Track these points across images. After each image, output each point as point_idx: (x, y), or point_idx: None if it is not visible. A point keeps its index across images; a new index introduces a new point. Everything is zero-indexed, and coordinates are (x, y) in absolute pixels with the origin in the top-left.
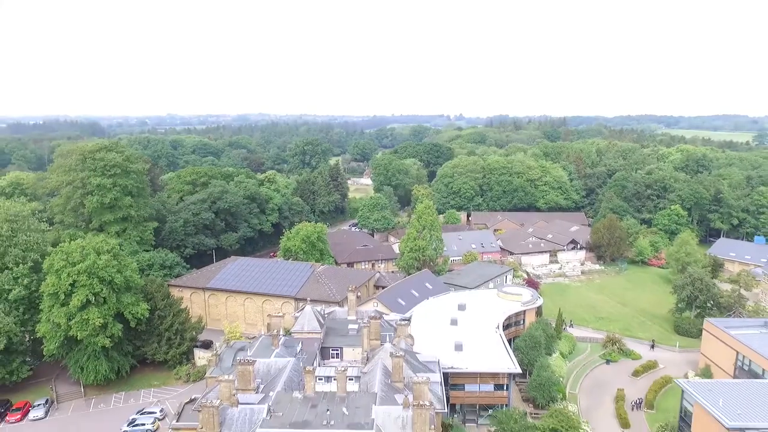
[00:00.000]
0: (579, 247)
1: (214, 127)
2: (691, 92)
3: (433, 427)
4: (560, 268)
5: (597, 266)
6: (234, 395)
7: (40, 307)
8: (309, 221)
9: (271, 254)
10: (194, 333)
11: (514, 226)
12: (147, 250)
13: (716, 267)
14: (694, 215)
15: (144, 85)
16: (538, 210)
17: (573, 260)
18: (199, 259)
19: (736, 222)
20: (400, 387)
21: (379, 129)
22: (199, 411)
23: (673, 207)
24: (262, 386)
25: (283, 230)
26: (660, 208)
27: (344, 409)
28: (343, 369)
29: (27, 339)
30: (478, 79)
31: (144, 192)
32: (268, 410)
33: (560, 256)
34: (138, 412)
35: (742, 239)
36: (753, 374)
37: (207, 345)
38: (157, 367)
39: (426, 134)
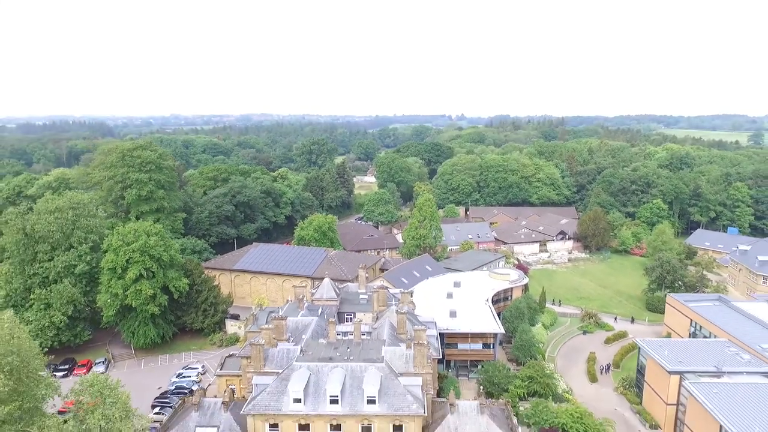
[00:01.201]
0: (567, 237)
1: (221, 128)
2: (692, 93)
3: (429, 362)
4: (549, 257)
5: (583, 255)
6: (274, 339)
7: (99, 281)
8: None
9: (285, 243)
10: (225, 306)
11: (509, 220)
12: (177, 238)
13: (690, 254)
14: (675, 209)
15: (146, 85)
16: (531, 205)
17: (561, 249)
18: (222, 247)
19: (713, 215)
20: (404, 338)
21: (381, 129)
22: (245, 357)
23: (654, 201)
24: (291, 338)
25: (296, 222)
26: (643, 202)
27: (360, 349)
28: (358, 320)
29: (88, 308)
30: (480, 80)
31: (174, 186)
32: (301, 350)
33: (549, 245)
34: (183, 368)
35: (720, 231)
36: (703, 338)
37: (235, 317)
38: (195, 335)
39: (427, 134)
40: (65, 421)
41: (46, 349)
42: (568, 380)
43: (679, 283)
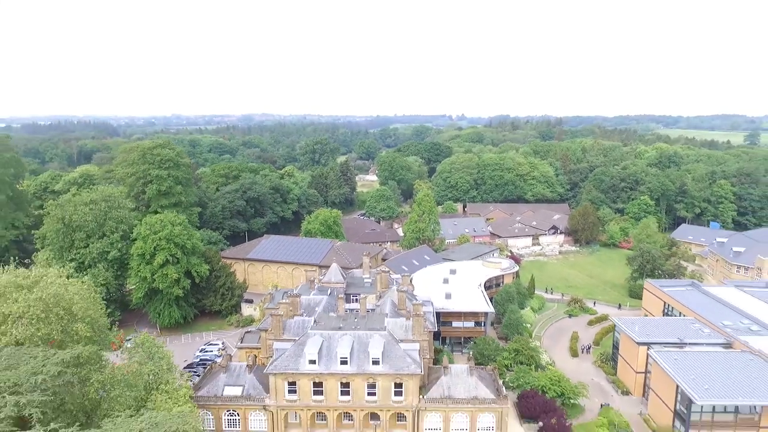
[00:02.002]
0: (559, 232)
1: (224, 128)
2: (692, 93)
3: (426, 332)
4: (541, 249)
5: (573, 248)
6: (291, 312)
7: (128, 267)
8: None
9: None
10: (240, 291)
11: (505, 215)
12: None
13: (672, 247)
14: (662, 205)
15: (147, 86)
16: (526, 201)
17: (552, 243)
18: (234, 239)
19: (698, 211)
20: (403, 313)
21: (382, 129)
22: (264, 330)
23: (642, 197)
24: (304, 313)
25: (302, 217)
26: (632, 199)
27: (365, 321)
28: (364, 297)
29: (118, 291)
30: (481, 80)
31: (190, 182)
32: (314, 321)
33: (542, 239)
34: (205, 344)
35: (704, 226)
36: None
37: (249, 301)
38: (214, 316)
39: (428, 134)
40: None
41: None
42: (551, 355)
43: (659, 271)
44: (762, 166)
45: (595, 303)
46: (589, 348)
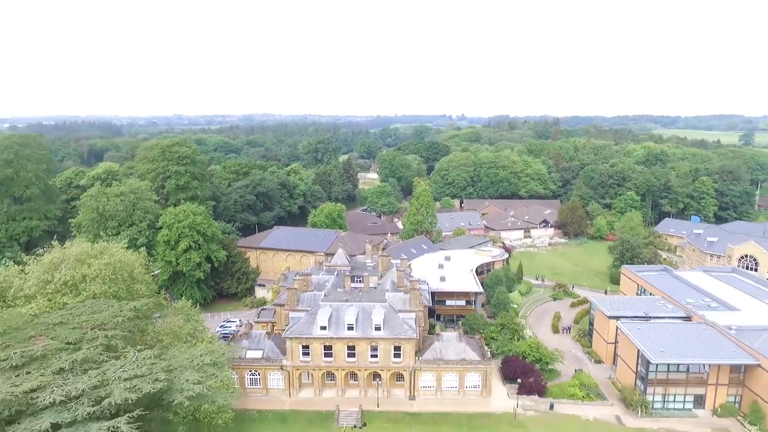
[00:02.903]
0: (549, 225)
1: (228, 127)
2: (691, 93)
3: (422, 303)
4: (532, 241)
5: (562, 240)
6: (304, 287)
7: (154, 253)
8: None
9: None
10: (254, 276)
11: (499, 211)
12: None
13: (650, 236)
14: (648, 200)
15: (148, 86)
16: (520, 198)
17: (543, 236)
18: (245, 231)
19: (681, 206)
20: (402, 289)
21: (383, 129)
22: (278, 306)
23: (628, 193)
24: (315, 290)
25: (308, 212)
26: (619, 195)
27: (368, 295)
28: (367, 275)
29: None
30: (481, 80)
31: (205, 177)
32: (324, 295)
33: (533, 232)
34: (224, 321)
35: (687, 220)
36: None
37: (261, 285)
38: (230, 298)
39: (427, 134)
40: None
41: None
42: (535, 332)
43: (637, 259)
44: (745, 164)
45: (573, 287)
46: (569, 328)
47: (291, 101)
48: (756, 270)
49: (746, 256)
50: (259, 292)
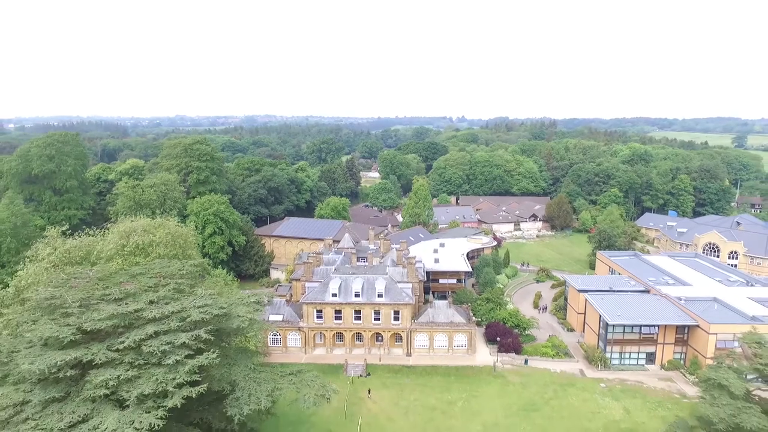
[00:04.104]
0: (537, 219)
1: (232, 128)
2: (690, 96)
3: (417, 277)
4: (521, 233)
5: (549, 233)
6: (318, 262)
7: None
8: None
9: None
10: (269, 259)
11: (492, 206)
12: None
13: (632, 230)
14: (630, 197)
15: (150, 87)
16: (512, 194)
17: (532, 228)
18: (257, 222)
19: (662, 202)
20: (401, 265)
21: (384, 130)
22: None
23: (612, 190)
24: (326, 265)
25: (314, 206)
26: (604, 191)
27: (372, 269)
28: (371, 253)
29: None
30: (482, 83)
31: (222, 173)
32: (335, 269)
33: (522, 225)
34: None
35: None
36: None
37: (275, 268)
38: (248, 279)
39: (427, 135)
40: None
41: None
42: (518, 307)
43: (614, 247)
44: (725, 164)
45: (548, 273)
46: (545, 307)
47: (292, 103)
48: (718, 256)
49: (710, 243)
50: (274, 274)
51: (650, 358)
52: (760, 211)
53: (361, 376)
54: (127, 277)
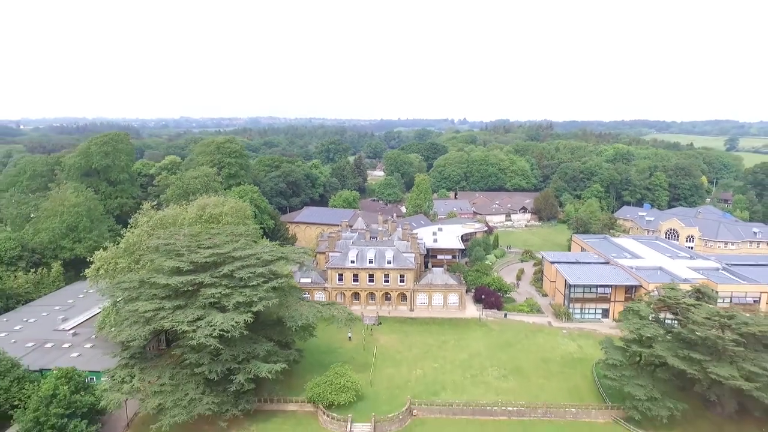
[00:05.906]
0: (527, 211)
1: (241, 129)
2: (688, 99)
3: (418, 249)
4: (512, 224)
5: (537, 223)
6: (338, 237)
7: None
8: None
9: None
10: (293, 241)
11: (487, 201)
12: None
13: (610, 221)
14: (611, 192)
15: (154, 89)
16: (506, 190)
17: (521, 219)
18: (278, 211)
19: (639, 196)
20: (405, 240)
21: (387, 132)
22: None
23: (594, 186)
24: (344, 240)
25: (327, 199)
26: (587, 187)
27: (382, 243)
28: (381, 231)
29: None
30: (484, 85)
31: (249, 168)
32: (353, 242)
33: (513, 216)
34: None
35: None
36: None
37: None
38: None
39: (429, 137)
40: None
41: None
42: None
43: (589, 233)
44: (703, 163)
45: (533, 253)
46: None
47: (295, 105)
48: (677, 239)
49: (670, 229)
50: None
51: (605, 313)
52: (731, 205)
53: (374, 324)
54: (209, 236)
